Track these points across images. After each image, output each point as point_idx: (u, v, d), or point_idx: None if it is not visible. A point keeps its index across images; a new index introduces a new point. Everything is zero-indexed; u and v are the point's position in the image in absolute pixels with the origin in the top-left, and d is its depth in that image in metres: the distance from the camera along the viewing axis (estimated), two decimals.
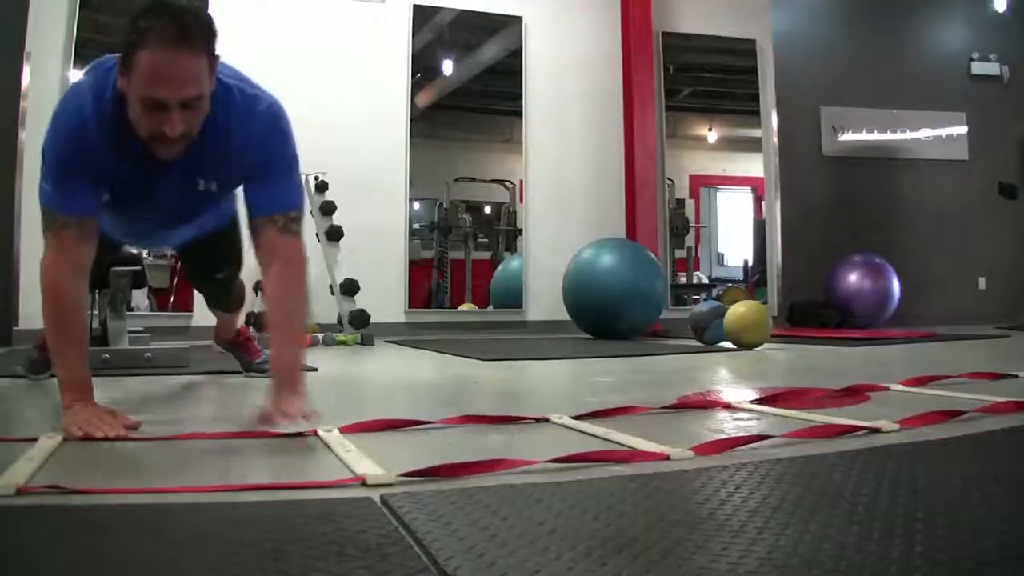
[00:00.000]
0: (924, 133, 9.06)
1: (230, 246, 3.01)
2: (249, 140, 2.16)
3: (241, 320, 3.53)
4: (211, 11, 6.41)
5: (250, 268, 6.06)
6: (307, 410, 1.99)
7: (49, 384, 3.13)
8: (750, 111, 8.36)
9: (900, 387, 2.79)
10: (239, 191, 2.43)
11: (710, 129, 8.97)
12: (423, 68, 7.47)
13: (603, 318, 6.11)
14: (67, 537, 1.09)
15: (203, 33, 1.99)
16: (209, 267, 3.09)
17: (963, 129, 9.12)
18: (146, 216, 2.45)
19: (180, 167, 2.16)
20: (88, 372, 2.11)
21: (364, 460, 1.59)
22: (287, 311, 2.23)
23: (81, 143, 2.06)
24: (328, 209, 6.04)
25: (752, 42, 8.27)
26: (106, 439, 1.85)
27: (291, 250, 2.22)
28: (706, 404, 2.46)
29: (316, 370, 3.82)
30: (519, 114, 7.50)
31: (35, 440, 1.78)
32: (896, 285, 7.72)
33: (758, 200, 8.53)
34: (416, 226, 7.49)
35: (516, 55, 7.54)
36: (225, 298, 3.29)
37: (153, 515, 1.21)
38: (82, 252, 2.11)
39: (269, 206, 2.21)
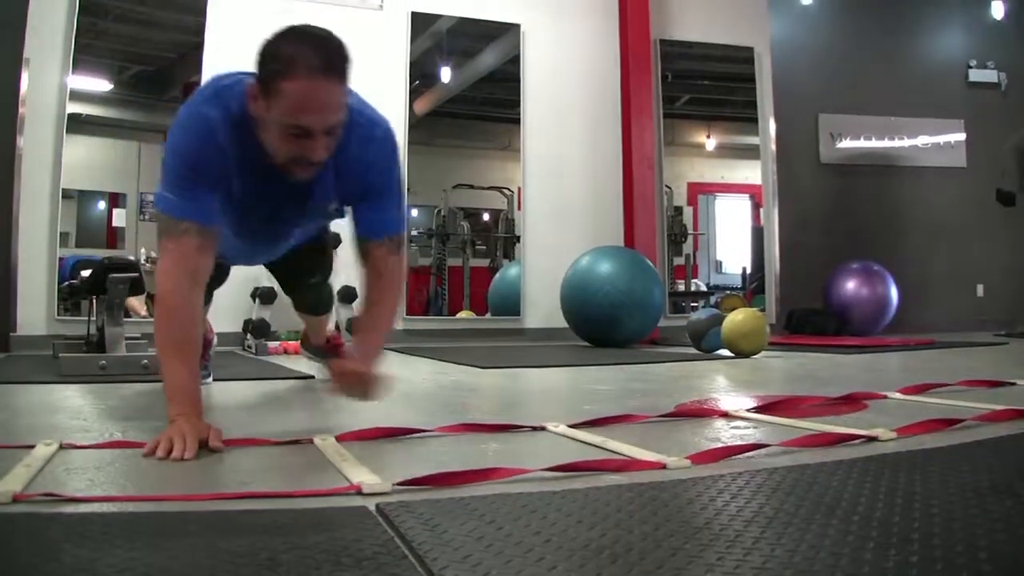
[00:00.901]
0: (922, 140, 9.07)
1: (321, 253, 3.15)
2: (367, 163, 2.23)
3: (331, 325, 3.65)
4: (208, 18, 6.44)
5: (249, 273, 6.07)
6: (375, 376, 2.14)
7: (46, 389, 3.13)
8: (748, 118, 8.36)
9: (898, 395, 2.79)
10: None
11: (708, 136, 8.97)
12: (421, 75, 7.47)
13: (601, 326, 6.10)
14: (61, 546, 1.09)
15: (344, 61, 2.03)
16: (303, 275, 3.24)
17: (961, 136, 9.12)
18: (258, 233, 2.51)
19: (302, 187, 2.20)
20: (197, 387, 2.08)
21: (360, 468, 1.59)
22: (379, 317, 2.37)
23: (208, 153, 2.09)
24: None
25: (750, 50, 8.26)
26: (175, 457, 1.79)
27: (396, 270, 2.35)
28: (703, 412, 2.46)
29: (313, 378, 3.82)
30: (517, 121, 7.49)
31: (32, 447, 1.78)
32: (894, 292, 7.72)
33: (756, 207, 8.52)
34: (414, 233, 7.48)
35: (514, 62, 7.54)
36: (316, 302, 3.40)
37: (148, 523, 1.21)
38: (201, 262, 2.10)
39: (381, 229, 2.31)
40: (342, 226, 5.67)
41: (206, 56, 6.50)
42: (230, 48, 6.53)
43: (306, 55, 1.94)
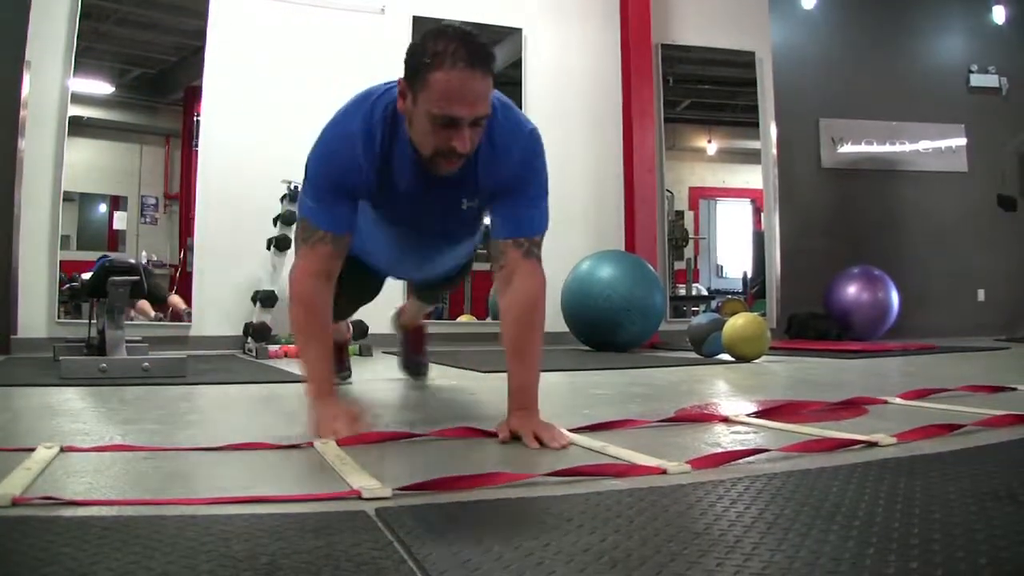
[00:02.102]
0: (923, 145, 9.08)
1: (465, 271, 3.29)
2: (511, 160, 2.25)
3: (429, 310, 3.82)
4: (209, 21, 6.45)
5: (251, 277, 6.07)
6: (562, 436, 2.03)
7: (46, 392, 3.13)
8: (749, 123, 8.37)
9: (898, 400, 2.78)
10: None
11: (709, 141, 8.98)
12: None
13: (601, 330, 6.10)
14: (60, 549, 1.09)
15: (490, 56, 2.07)
16: (441, 287, 3.51)
17: (962, 141, 9.13)
18: (408, 236, 2.58)
19: (448, 184, 2.25)
20: (331, 370, 2.29)
21: (361, 473, 1.59)
22: (525, 338, 2.26)
23: (346, 168, 2.22)
24: None
25: (751, 54, 8.28)
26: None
27: (532, 272, 2.27)
28: (704, 417, 2.46)
29: None
30: None
31: (32, 450, 1.77)
32: (895, 297, 7.72)
33: (757, 212, 8.53)
34: None
35: (516, 67, 7.54)
36: (436, 296, 3.71)
37: (147, 527, 1.20)
38: (332, 265, 2.27)
39: (518, 229, 2.29)
40: None
41: (207, 59, 6.51)
42: (231, 51, 6.55)
43: (454, 48, 2.00)
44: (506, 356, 2.25)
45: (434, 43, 2.02)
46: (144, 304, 6.34)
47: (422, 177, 2.23)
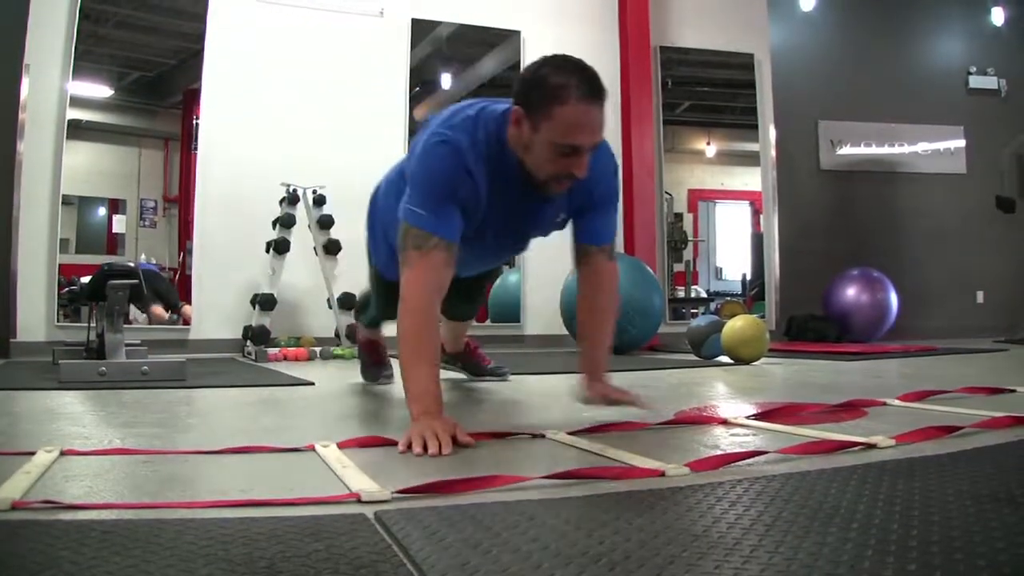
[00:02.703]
0: (922, 147, 9.08)
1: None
2: (598, 177, 2.43)
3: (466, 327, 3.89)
4: (208, 24, 6.45)
5: (251, 281, 6.07)
6: (626, 393, 2.40)
7: (45, 395, 3.13)
8: (748, 125, 8.37)
9: (897, 402, 2.79)
10: None
11: (708, 143, 8.98)
12: (421, 81, 7.48)
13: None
14: (60, 553, 1.09)
15: (604, 87, 2.28)
16: (482, 288, 3.65)
17: (961, 143, 9.14)
18: (491, 245, 2.67)
19: (545, 202, 2.46)
20: (438, 388, 2.24)
21: (360, 476, 1.59)
22: (602, 322, 2.61)
23: (457, 176, 2.31)
24: (326, 223, 6.03)
25: (750, 56, 8.28)
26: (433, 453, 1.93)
27: (613, 274, 2.62)
28: (703, 420, 2.46)
29: (313, 384, 3.82)
30: None
31: (32, 454, 1.78)
32: (894, 299, 7.72)
33: (756, 214, 8.53)
34: None
35: (515, 69, 7.54)
36: (472, 310, 3.77)
37: (146, 531, 1.20)
38: (445, 275, 2.32)
39: (601, 236, 2.58)
40: (342, 231, 5.68)
41: (206, 62, 6.51)
42: (230, 54, 6.55)
43: (576, 83, 2.18)
44: (582, 336, 2.65)
45: (555, 75, 2.19)
46: (158, 309, 6.35)
47: (523, 195, 2.41)
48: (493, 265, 3.23)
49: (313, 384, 3.82)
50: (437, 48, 7.62)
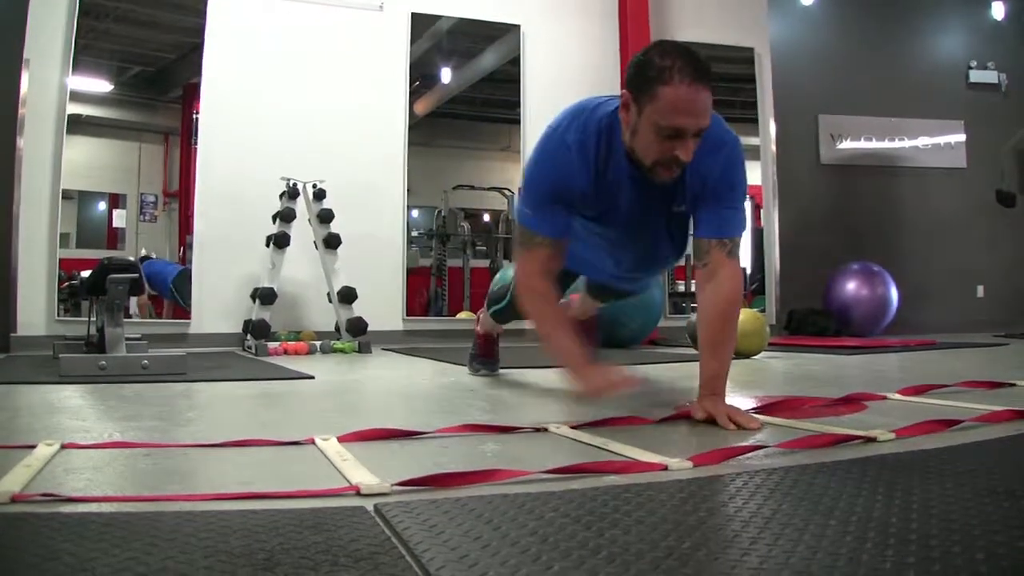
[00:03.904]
0: (922, 141, 9.07)
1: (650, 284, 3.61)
2: (716, 167, 2.41)
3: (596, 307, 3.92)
4: (208, 19, 6.44)
5: (251, 275, 6.07)
6: (755, 420, 2.22)
7: (45, 389, 3.13)
8: (748, 119, 8.35)
9: (897, 396, 2.79)
10: None
11: None
12: (421, 76, 7.48)
13: (601, 327, 6.09)
14: (60, 546, 1.09)
15: (711, 72, 2.23)
16: (627, 295, 3.72)
17: (961, 137, 9.13)
18: (617, 241, 2.73)
19: (660, 191, 2.45)
20: (580, 345, 2.46)
21: (360, 469, 1.59)
22: (721, 333, 2.45)
23: (564, 179, 2.42)
24: (326, 217, 6.03)
25: (750, 50, 8.27)
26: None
27: (734, 272, 2.49)
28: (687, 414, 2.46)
29: (313, 378, 3.82)
30: (517, 122, 7.50)
31: (33, 447, 1.78)
32: (894, 293, 7.71)
33: (756, 208, 8.52)
34: (414, 234, 7.48)
35: (514, 63, 7.54)
36: (609, 297, 3.75)
37: (146, 524, 1.21)
38: (551, 266, 2.52)
39: (721, 229, 2.48)
40: (342, 225, 5.68)
41: (206, 57, 6.51)
42: (230, 49, 6.54)
43: (681, 64, 2.17)
44: (702, 346, 2.47)
45: (661, 58, 2.19)
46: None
47: (636, 185, 2.43)
48: (641, 272, 3.08)
49: (313, 378, 3.82)
50: (437, 42, 7.62)
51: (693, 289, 8.43)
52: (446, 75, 7.84)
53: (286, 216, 5.98)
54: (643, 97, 2.22)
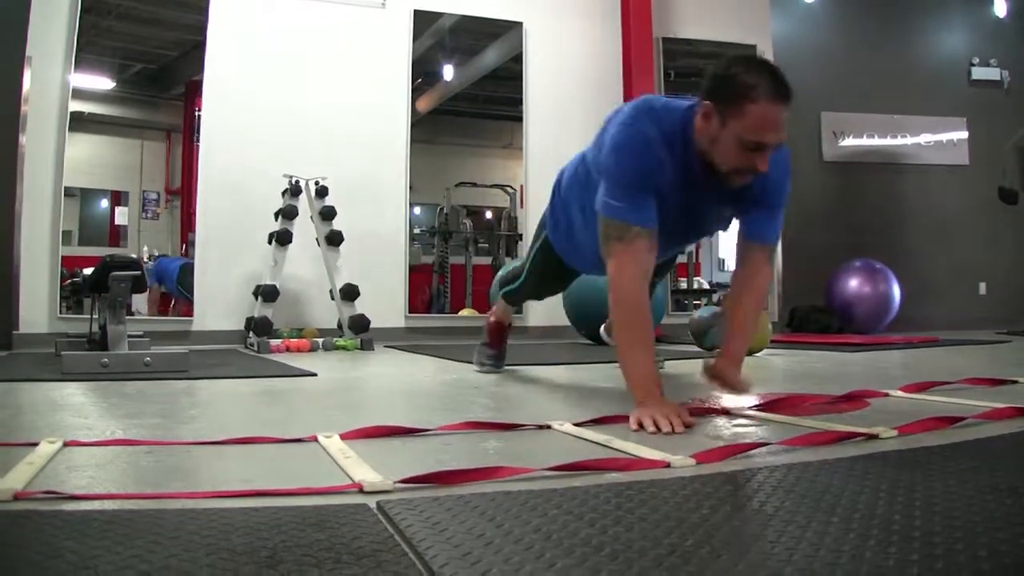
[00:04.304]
0: (924, 138, 9.07)
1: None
2: (771, 178, 2.52)
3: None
4: (210, 16, 6.44)
5: (253, 272, 6.07)
6: (744, 382, 2.53)
7: (48, 387, 3.14)
8: None
9: (900, 393, 2.79)
10: None
11: None
12: (423, 73, 7.48)
13: (603, 323, 6.08)
14: (62, 543, 1.09)
15: (791, 88, 2.35)
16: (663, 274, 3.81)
17: (963, 134, 9.12)
18: (671, 234, 2.71)
19: (720, 195, 2.58)
20: (656, 370, 2.45)
21: (362, 466, 1.59)
22: (746, 320, 2.68)
23: (649, 167, 2.46)
24: (328, 214, 6.04)
25: (753, 47, 8.24)
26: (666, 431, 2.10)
27: (767, 276, 2.71)
28: (706, 411, 2.46)
29: (315, 375, 3.82)
30: (520, 119, 7.50)
31: (35, 445, 1.78)
32: (896, 290, 7.70)
33: None
34: (416, 231, 7.48)
35: (517, 60, 7.55)
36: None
37: (149, 521, 1.21)
38: (649, 260, 2.48)
39: (765, 236, 2.67)
40: (344, 222, 5.69)
41: (208, 54, 6.51)
42: (232, 46, 6.54)
43: (767, 83, 2.30)
44: (730, 329, 2.69)
45: (746, 75, 2.31)
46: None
47: (699, 187, 2.52)
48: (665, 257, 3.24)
49: (315, 375, 3.82)
50: (439, 39, 7.62)
51: (695, 287, 8.48)
52: (448, 72, 7.84)
53: (288, 213, 5.98)
54: (728, 111, 2.32)
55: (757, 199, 2.61)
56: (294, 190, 6.04)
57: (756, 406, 2.48)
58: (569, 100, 7.62)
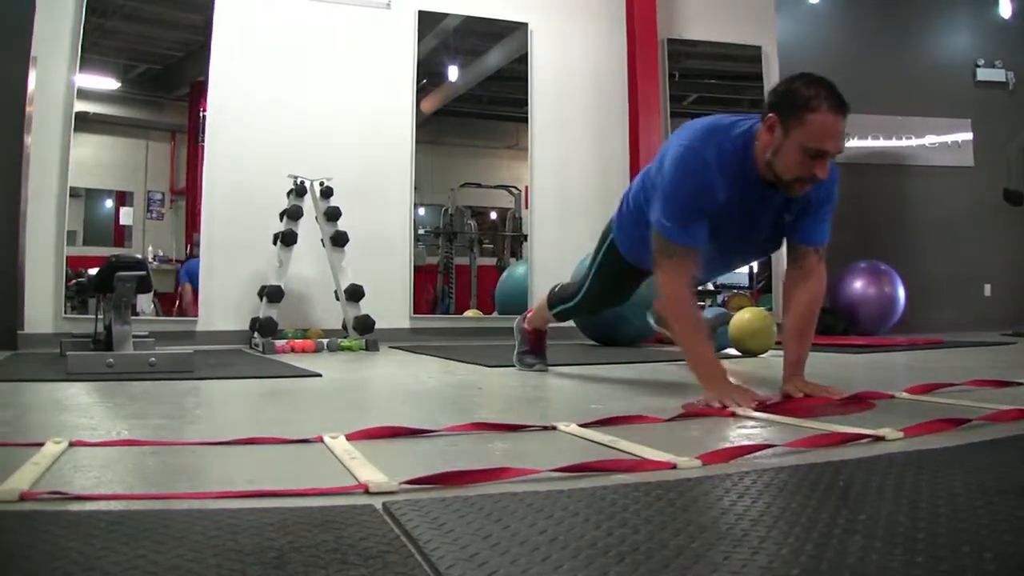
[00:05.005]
0: (929, 139, 9.06)
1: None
2: (822, 184, 2.66)
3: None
4: (215, 16, 6.44)
5: (258, 273, 6.07)
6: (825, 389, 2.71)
7: (53, 387, 3.14)
8: None
9: (905, 395, 2.78)
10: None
11: None
12: (428, 74, 7.48)
13: (608, 325, 6.09)
14: (68, 543, 1.09)
15: (847, 103, 2.57)
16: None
17: (968, 135, 9.11)
18: (730, 245, 2.94)
19: (778, 204, 2.76)
20: (714, 355, 2.79)
21: (368, 467, 1.59)
22: (807, 326, 2.88)
23: (702, 192, 2.66)
24: (333, 215, 6.04)
25: (757, 48, 8.26)
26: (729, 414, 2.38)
27: (823, 276, 2.86)
28: (711, 412, 2.46)
29: (320, 376, 3.83)
30: (524, 120, 7.49)
31: (41, 445, 1.78)
32: (901, 292, 7.70)
33: None
34: (421, 232, 7.48)
35: (521, 61, 7.54)
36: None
37: (155, 522, 1.21)
38: (693, 270, 2.75)
39: (818, 238, 2.85)
40: (349, 223, 5.68)
41: (213, 54, 6.51)
42: (237, 47, 6.55)
43: (827, 95, 2.52)
44: (788, 335, 2.88)
45: (807, 88, 2.54)
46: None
47: (759, 198, 2.72)
48: (730, 269, 3.55)
49: (320, 376, 3.82)
50: (444, 40, 7.62)
51: (699, 288, 8.45)
52: (453, 73, 7.85)
53: (293, 214, 5.98)
54: (790, 122, 2.52)
55: (814, 204, 2.78)
56: (299, 191, 6.04)
57: (761, 407, 2.48)
58: (574, 101, 7.62)
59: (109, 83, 6.64)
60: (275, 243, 5.99)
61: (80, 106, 6.14)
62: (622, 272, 3.48)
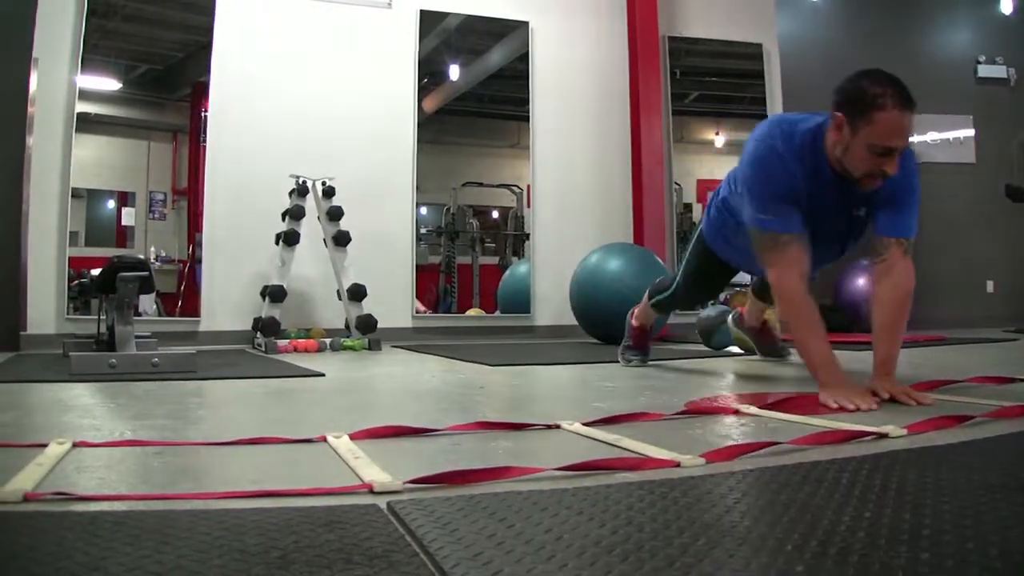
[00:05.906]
0: (931, 136, 9.04)
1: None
2: (899, 175, 2.67)
3: (769, 313, 4.37)
4: (216, 17, 6.44)
5: (260, 272, 6.07)
6: (927, 396, 2.56)
7: (56, 388, 3.14)
8: (757, 115, 8.31)
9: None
10: None
11: (717, 133, 8.96)
12: (430, 73, 7.48)
13: (611, 323, 6.06)
14: (72, 544, 1.09)
15: (914, 99, 2.58)
16: None
17: (970, 132, 9.10)
18: (821, 235, 2.93)
19: (849, 198, 2.82)
20: (833, 354, 2.68)
21: (372, 467, 1.59)
22: (895, 322, 2.84)
23: (784, 180, 2.74)
24: (335, 214, 6.04)
25: (758, 46, 8.26)
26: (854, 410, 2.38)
27: (908, 270, 2.82)
28: (714, 410, 2.46)
29: (323, 375, 3.83)
30: (526, 119, 7.49)
31: (44, 446, 1.78)
32: None
33: None
34: (423, 231, 7.49)
35: (523, 60, 7.54)
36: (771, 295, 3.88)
37: (159, 522, 1.21)
38: (804, 262, 2.75)
39: (901, 231, 2.82)
40: (351, 223, 5.68)
41: (215, 55, 6.51)
42: (239, 47, 6.55)
43: (893, 93, 2.55)
44: (876, 331, 2.80)
45: (873, 87, 2.57)
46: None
47: (833, 193, 2.77)
48: (828, 262, 3.41)
49: (323, 375, 3.82)
50: (445, 39, 7.62)
51: None
52: (455, 72, 7.85)
53: (295, 214, 5.99)
54: (858, 120, 2.56)
55: (891, 197, 2.78)
56: (301, 190, 6.05)
57: (764, 405, 2.48)
58: (575, 99, 7.62)
59: (111, 84, 6.65)
60: (277, 243, 6.00)
61: (82, 107, 6.15)
62: (715, 268, 3.60)
